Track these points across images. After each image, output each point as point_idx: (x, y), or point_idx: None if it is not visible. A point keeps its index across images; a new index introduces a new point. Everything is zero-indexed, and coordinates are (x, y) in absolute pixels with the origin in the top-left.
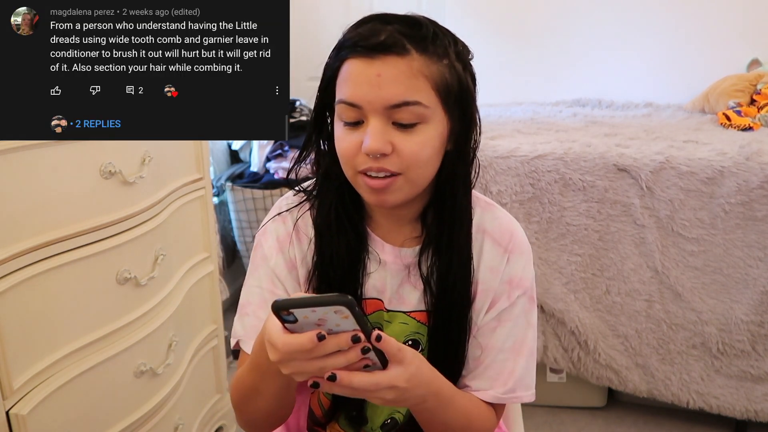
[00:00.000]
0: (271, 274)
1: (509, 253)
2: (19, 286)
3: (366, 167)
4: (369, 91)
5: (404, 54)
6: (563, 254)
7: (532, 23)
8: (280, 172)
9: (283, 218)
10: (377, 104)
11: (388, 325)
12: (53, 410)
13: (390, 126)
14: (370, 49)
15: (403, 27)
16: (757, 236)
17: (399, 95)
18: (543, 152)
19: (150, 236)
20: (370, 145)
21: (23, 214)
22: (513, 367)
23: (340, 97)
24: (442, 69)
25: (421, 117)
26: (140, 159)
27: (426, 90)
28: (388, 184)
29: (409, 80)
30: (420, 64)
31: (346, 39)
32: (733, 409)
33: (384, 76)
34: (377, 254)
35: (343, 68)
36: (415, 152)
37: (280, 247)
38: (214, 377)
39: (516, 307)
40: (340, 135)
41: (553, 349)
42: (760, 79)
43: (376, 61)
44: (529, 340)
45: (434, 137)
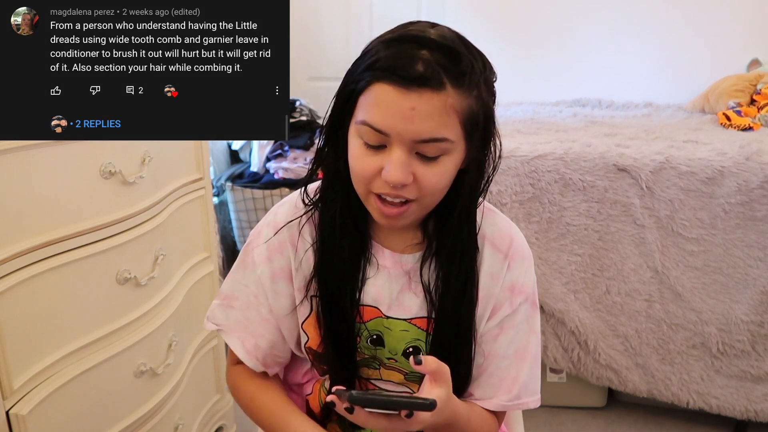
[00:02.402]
0: (257, 281)
1: (510, 259)
2: (19, 286)
3: (383, 192)
4: (399, 123)
5: (440, 90)
6: (563, 254)
7: (532, 23)
8: (280, 172)
9: (277, 227)
10: (405, 136)
11: (388, 332)
12: (53, 410)
13: (413, 157)
14: (407, 79)
15: (440, 56)
16: (757, 236)
17: (429, 132)
18: (543, 152)
19: (150, 236)
20: (394, 177)
21: (23, 214)
22: (516, 374)
23: (366, 120)
24: (472, 102)
25: (445, 151)
26: (140, 159)
27: (454, 125)
28: (402, 212)
29: (441, 117)
30: (454, 100)
31: (380, 59)
32: (733, 409)
33: (418, 110)
34: (376, 260)
35: (373, 89)
36: (434, 183)
37: (268, 255)
38: (214, 377)
39: (518, 314)
40: (358, 154)
41: (553, 349)
42: (760, 79)
43: (412, 94)
44: (532, 345)
45: (453, 166)
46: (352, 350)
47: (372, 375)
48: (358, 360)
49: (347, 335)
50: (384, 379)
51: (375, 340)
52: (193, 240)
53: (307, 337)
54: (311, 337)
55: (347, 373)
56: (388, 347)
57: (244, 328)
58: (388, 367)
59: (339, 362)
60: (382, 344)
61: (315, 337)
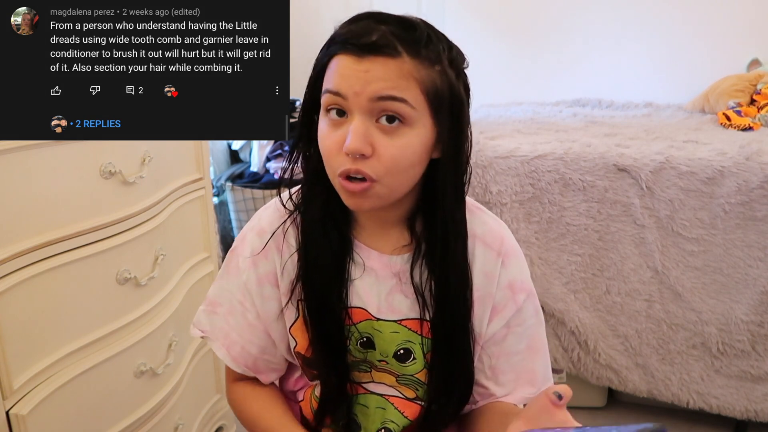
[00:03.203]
0: (242, 287)
1: (503, 257)
2: (19, 286)
3: (344, 169)
4: (355, 83)
5: (395, 56)
6: (563, 254)
7: (532, 23)
8: (280, 172)
9: (260, 232)
10: (363, 96)
11: (378, 334)
12: (53, 410)
13: (373, 127)
14: (361, 47)
15: (396, 28)
16: (757, 236)
17: (386, 89)
18: (543, 152)
19: (150, 236)
20: (351, 145)
21: (23, 214)
22: (533, 366)
23: (326, 87)
24: (433, 74)
25: (405, 117)
26: (140, 159)
27: (414, 91)
28: (365, 189)
29: (398, 79)
30: (410, 67)
31: (338, 35)
32: (733, 409)
33: (372, 72)
34: (362, 261)
35: (332, 63)
36: (395, 156)
37: (253, 261)
38: (214, 377)
39: (524, 311)
40: (324, 132)
41: (553, 349)
42: (760, 79)
43: (366, 60)
44: (541, 336)
45: (416, 143)
46: (342, 353)
47: (363, 378)
48: (348, 363)
49: (336, 338)
50: (376, 381)
51: (365, 343)
52: (193, 240)
53: (295, 342)
54: (299, 342)
55: (338, 377)
56: (379, 350)
57: (227, 334)
58: (379, 369)
59: (329, 366)
60: (372, 347)
61: (303, 341)
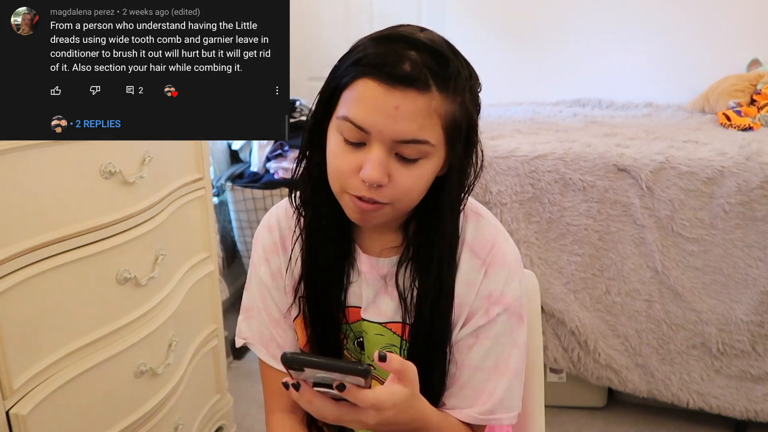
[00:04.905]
0: (260, 283)
1: (487, 266)
2: (19, 286)
3: (358, 194)
4: (382, 121)
5: (425, 91)
6: (563, 254)
7: (533, 23)
8: (280, 172)
9: (270, 229)
10: (386, 135)
11: (365, 335)
12: (53, 410)
13: (392, 157)
14: (393, 77)
15: (428, 59)
16: (757, 236)
17: (411, 133)
18: (543, 152)
19: (150, 236)
20: (371, 176)
21: (23, 214)
22: (494, 389)
23: (348, 115)
24: (455, 107)
25: (425, 154)
26: (140, 159)
27: (436, 129)
28: (375, 209)
29: (425, 119)
30: (438, 103)
31: (367, 55)
32: (733, 409)
33: (401, 110)
34: (357, 264)
35: (357, 85)
36: (410, 186)
37: (265, 256)
38: (214, 377)
39: (496, 325)
40: (336, 150)
41: (553, 349)
42: (760, 79)
43: (397, 93)
44: (513, 360)
45: (430, 171)
46: (338, 352)
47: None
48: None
49: (332, 338)
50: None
51: (361, 344)
52: (193, 240)
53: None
54: (299, 337)
55: None
56: (367, 352)
57: (262, 334)
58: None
59: None
60: (363, 348)
61: (302, 337)
